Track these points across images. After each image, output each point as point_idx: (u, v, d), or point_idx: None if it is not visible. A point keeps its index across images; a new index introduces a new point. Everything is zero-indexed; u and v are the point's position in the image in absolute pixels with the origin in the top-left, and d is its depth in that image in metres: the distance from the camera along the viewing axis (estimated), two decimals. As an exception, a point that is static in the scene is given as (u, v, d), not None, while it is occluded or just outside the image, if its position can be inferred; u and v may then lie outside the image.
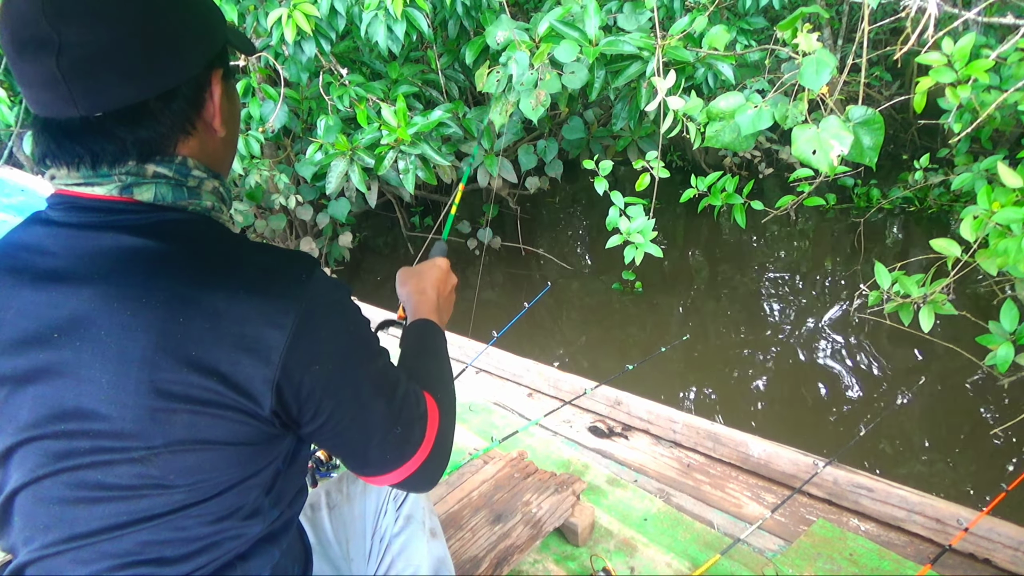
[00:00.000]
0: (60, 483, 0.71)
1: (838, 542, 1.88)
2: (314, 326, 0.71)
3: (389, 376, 0.82)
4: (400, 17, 3.19)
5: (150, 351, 0.67)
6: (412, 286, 1.11)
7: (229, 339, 0.68)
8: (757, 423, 3.47)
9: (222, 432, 0.71)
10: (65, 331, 0.69)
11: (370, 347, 0.81)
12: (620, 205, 2.60)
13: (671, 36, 2.67)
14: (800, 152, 1.99)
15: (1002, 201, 1.86)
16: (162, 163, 0.73)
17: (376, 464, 0.82)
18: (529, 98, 2.76)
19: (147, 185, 0.73)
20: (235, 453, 0.73)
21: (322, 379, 0.73)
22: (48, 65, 0.66)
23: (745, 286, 4.96)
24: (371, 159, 3.54)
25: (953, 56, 1.99)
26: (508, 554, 1.61)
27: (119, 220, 0.72)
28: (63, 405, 0.69)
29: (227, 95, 0.79)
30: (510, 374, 2.85)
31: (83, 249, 0.71)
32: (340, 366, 0.75)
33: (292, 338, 0.69)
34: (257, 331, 0.69)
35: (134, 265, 0.70)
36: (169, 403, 0.68)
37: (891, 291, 2.16)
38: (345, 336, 0.76)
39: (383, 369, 0.82)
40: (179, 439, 0.69)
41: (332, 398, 0.74)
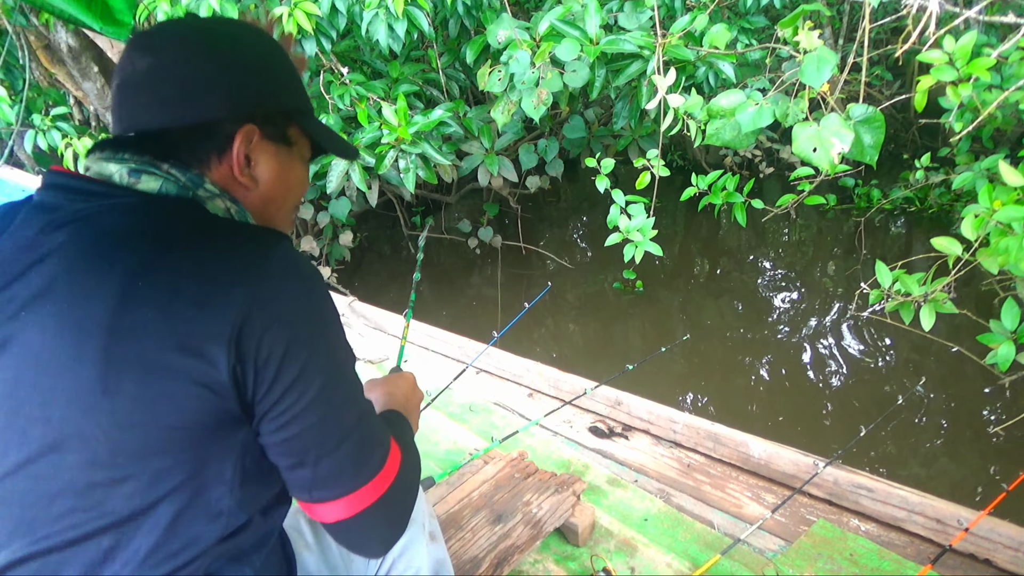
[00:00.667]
0: (20, 478, 0.70)
1: (838, 542, 1.88)
2: (276, 289, 0.70)
3: (354, 378, 0.79)
4: (401, 16, 3.19)
5: (107, 316, 0.66)
6: (382, 390, 1.08)
7: (188, 296, 0.67)
8: (757, 423, 3.46)
9: (171, 408, 0.68)
10: (28, 305, 0.69)
11: (336, 331, 0.77)
12: (621, 203, 2.60)
13: (672, 35, 2.66)
14: (801, 150, 1.98)
15: (1003, 200, 1.86)
16: (177, 167, 0.78)
17: (326, 480, 0.75)
18: (531, 97, 2.76)
19: (156, 176, 0.77)
20: (186, 435, 0.69)
21: (281, 343, 0.69)
22: (113, 89, 0.81)
23: (746, 285, 4.96)
24: (372, 158, 3.54)
25: (954, 55, 1.99)
26: (508, 554, 1.60)
27: (99, 204, 0.75)
28: (24, 392, 0.69)
29: (268, 155, 0.85)
30: (510, 374, 2.84)
31: (56, 231, 0.73)
32: (302, 333, 0.71)
33: (252, 296, 0.68)
34: (217, 288, 0.68)
35: (101, 238, 0.72)
36: (121, 368, 0.66)
37: (892, 290, 2.15)
38: (309, 305, 0.73)
39: (347, 365, 0.78)
40: (128, 412, 0.67)
41: (290, 368, 0.70)
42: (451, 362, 2.96)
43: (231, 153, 0.81)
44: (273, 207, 0.88)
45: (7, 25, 4.55)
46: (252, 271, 0.70)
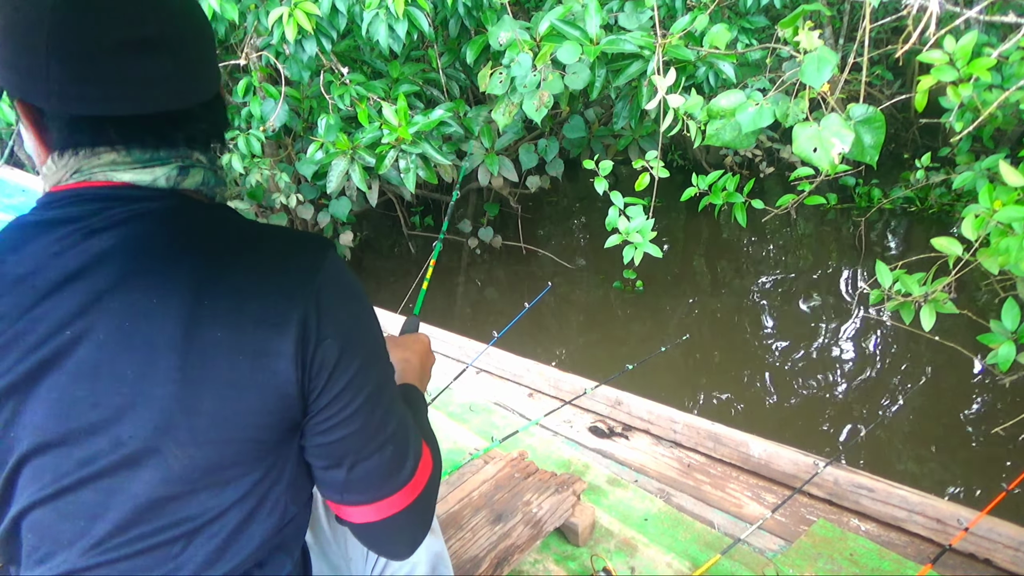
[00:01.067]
0: (88, 491, 0.68)
1: (839, 542, 1.88)
2: (329, 301, 0.72)
3: (394, 387, 0.80)
4: (401, 16, 3.19)
5: (178, 335, 0.66)
6: (398, 354, 1.08)
7: (252, 316, 0.68)
8: (758, 423, 3.46)
9: (245, 423, 0.70)
10: (80, 329, 0.66)
11: (381, 340, 0.79)
12: (620, 205, 2.59)
13: (672, 35, 2.66)
14: (801, 150, 1.98)
15: (1003, 200, 1.85)
16: (200, 149, 0.77)
17: (358, 485, 0.77)
18: (532, 99, 2.76)
19: (196, 169, 0.76)
20: (258, 448, 0.72)
21: (335, 351, 0.71)
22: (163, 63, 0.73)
23: (746, 285, 4.96)
24: (372, 158, 3.54)
25: (955, 55, 1.99)
26: (508, 554, 1.60)
27: (134, 209, 0.71)
28: (82, 408, 0.67)
29: None
30: (510, 374, 2.85)
31: (94, 246, 0.69)
32: (353, 343, 0.73)
33: (308, 311, 0.70)
34: (277, 304, 0.69)
35: (152, 252, 0.70)
36: (196, 388, 0.67)
37: (892, 290, 2.15)
38: (359, 316, 0.76)
39: (390, 374, 0.80)
40: (205, 429, 0.68)
41: (342, 375, 0.72)
42: (451, 362, 2.96)
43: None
44: None
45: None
46: (307, 285, 0.71)
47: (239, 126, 3.86)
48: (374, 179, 3.90)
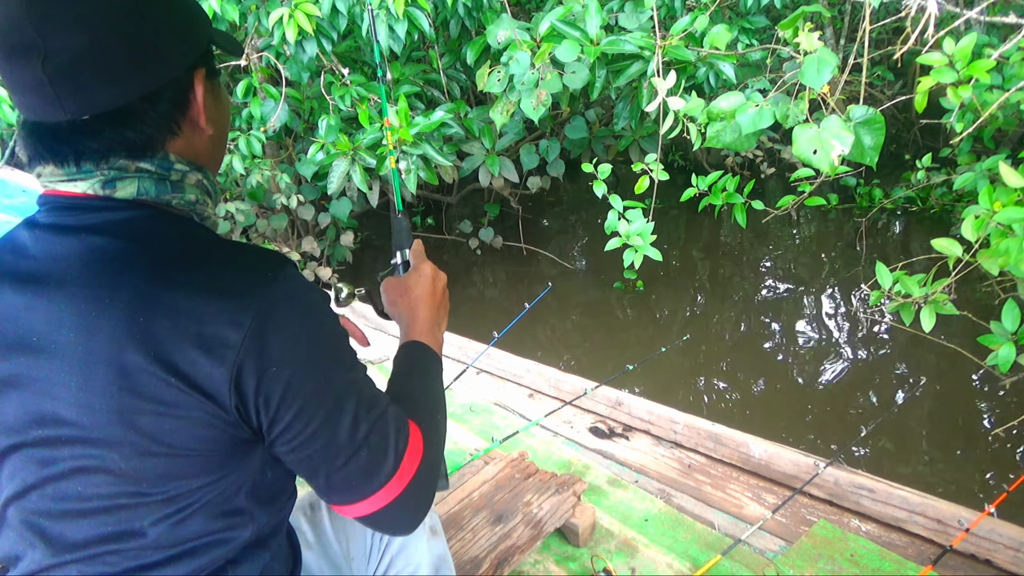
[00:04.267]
0: (45, 496, 0.72)
1: (839, 543, 1.88)
2: (274, 326, 0.68)
3: (362, 392, 0.76)
4: (402, 17, 3.19)
5: (115, 352, 0.66)
6: (403, 306, 1.03)
7: (188, 338, 0.66)
8: (758, 423, 3.46)
9: (188, 437, 0.69)
10: (41, 334, 0.69)
11: (339, 357, 0.76)
12: (619, 208, 2.60)
13: (672, 36, 2.66)
14: (801, 152, 1.99)
15: (1003, 201, 1.85)
16: (144, 158, 0.73)
17: (340, 490, 0.76)
18: (530, 98, 2.76)
19: (130, 179, 0.73)
20: (205, 461, 0.71)
21: (280, 383, 0.69)
22: (35, 70, 0.67)
23: (746, 286, 4.96)
24: (372, 159, 3.55)
25: (954, 56, 1.99)
26: (509, 554, 1.61)
27: (92, 219, 0.72)
28: (41, 411, 0.70)
29: (212, 94, 0.79)
30: (511, 374, 2.85)
31: (57, 251, 0.72)
32: (301, 372, 0.70)
33: (249, 338, 0.67)
34: (215, 330, 0.67)
35: (102, 265, 0.70)
36: (135, 403, 0.67)
37: (892, 291, 2.15)
38: (309, 341, 0.72)
39: (353, 383, 0.76)
40: (147, 444, 0.69)
41: (290, 406, 0.70)
42: (451, 362, 2.96)
43: (192, 105, 0.76)
44: (220, 146, 0.85)
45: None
46: (248, 310, 0.68)
47: (240, 127, 3.87)
48: (375, 180, 3.90)
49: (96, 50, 0.67)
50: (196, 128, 0.78)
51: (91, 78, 0.68)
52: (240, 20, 3.40)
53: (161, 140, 0.74)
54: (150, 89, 0.72)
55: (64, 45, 0.66)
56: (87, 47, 0.67)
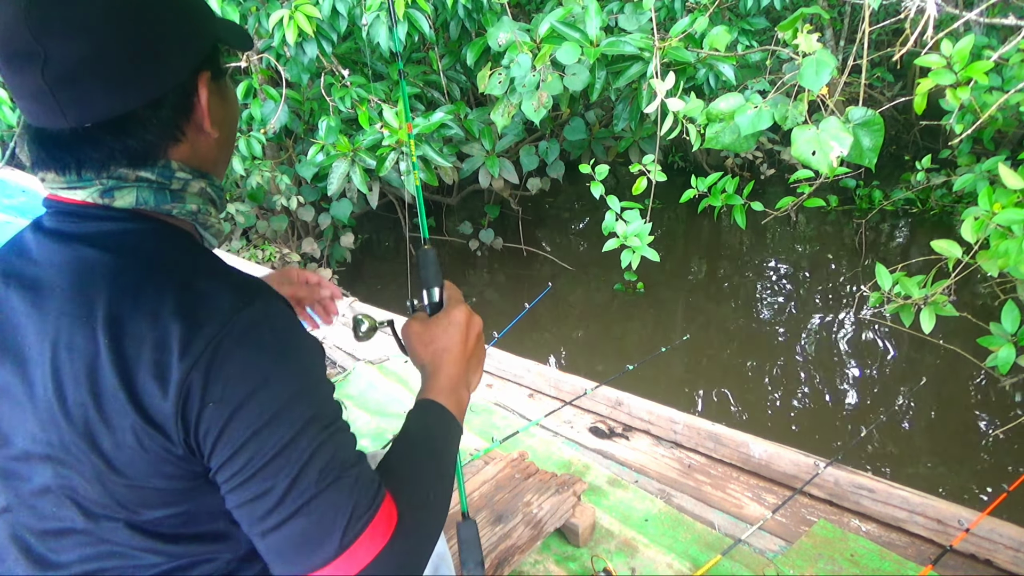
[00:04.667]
0: (26, 512, 0.72)
1: (839, 543, 1.88)
2: (225, 360, 0.64)
3: (317, 451, 0.66)
4: (402, 18, 3.20)
5: (87, 372, 0.66)
6: (426, 356, 0.89)
7: (149, 365, 0.64)
8: (758, 423, 3.47)
9: (144, 469, 0.67)
10: (31, 344, 0.69)
11: (297, 407, 0.66)
12: (616, 209, 2.60)
13: (672, 37, 2.67)
14: (800, 153, 1.99)
15: (1003, 202, 1.86)
16: (145, 167, 0.72)
17: (275, 555, 0.66)
18: (531, 100, 2.76)
19: (128, 189, 0.71)
20: (164, 494, 0.69)
21: (219, 420, 0.64)
22: (35, 78, 0.66)
23: (746, 287, 4.96)
24: (372, 160, 3.55)
25: (953, 58, 1.99)
26: (509, 554, 1.61)
27: (88, 228, 0.72)
28: (24, 423, 0.69)
29: (218, 96, 0.78)
30: (511, 374, 2.85)
31: (55, 259, 0.72)
32: (244, 413, 0.64)
33: (195, 369, 0.63)
34: (168, 358, 0.64)
35: (88, 279, 0.69)
36: (100, 427, 0.66)
37: (892, 292, 2.16)
38: (262, 382, 0.65)
39: (309, 438, 0.66)
40: (107, 471, 0.67)
41: (225, 446, 0.64)
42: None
43: (197, 109, 0.74)
44: (227, 147, 0.83)
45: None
46: (200, 341, 0.64)
47: (240, 128, 3.88)
48: (375, 181, 3.90)
49: (97, 57, 0.66)
50: (201, 132, 0.76)
51: (92, 86, 0.67)
52: (240, 22, 3.40)
53: (164, 147, 0.73)
54: (153, 96, 0.70)
55: (64, 52, 0.65)
56: (87, 54, 0.66)
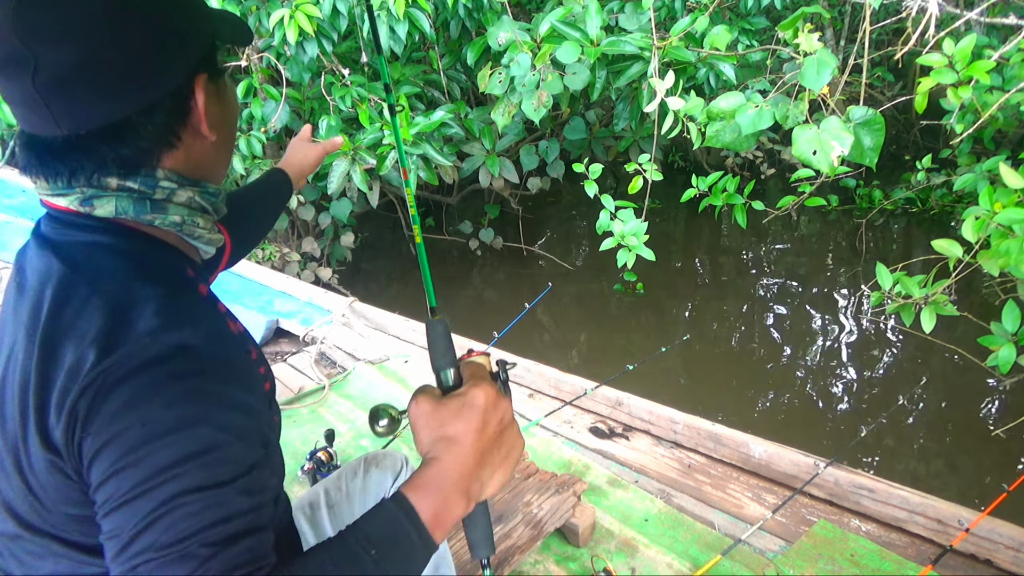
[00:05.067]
0: None
1: (839, 543, 1.88)
2: (108, 391, 0.60)
3: (172, 508, 0.57)
4: (402, 17, 3.19)
5: (18, 389, 0.65)
6: (430, 445, 0.69)
7: (57, 392, 0.62)
8: (758, 423, 3.46)
9: (56, 495, 0.65)
10: (1, 349, 0.70)
11: (166, 452, 0.59)
12: (611, 208, 2.60)
13: (672, 36, 2.67)
14: (800, 152, 1.99)
15: (1004, 202, 1.86)
16: (129, 176, 0.70)
17: None
18: (531, 99, 2.76)
19: (108, 198, 0.69)
20: (82, 520, 0.65)
21: (91, 452, 0.60)
22: (25, 85, 0.64)
23: (746, 286, 4.96)
24: (373, 159, 3.55)
25: (954, 57, 1.99)
26: (509, 554, 1.61)
27: (65, 237, 0.71)
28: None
29: (216, 97, 0.76)
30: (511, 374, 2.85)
31: (35, 264, 0.72)
32: (111, 447, 0.59)
33: (82, 396, 0.60)
34: (69, 383, 0.61)
35: (45, 293, 0.68)
36: (24, 446, 0.64)
37: (893, 292, 2.15)
38: (138, 418, 0.59)
39: (166, 489, 0.58)
40: (28, 493, 0.66)
41: (96, 477, 0.60)
42: None
43: (194, 113, 0.72)
44: (225, 150, 0.81)
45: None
46: (96, 369, 0.61)
47: (240, 127, 3.87)
48: (375, 180, 3.90)
49: (89, 63, 0.64)
50: (198, 136, 0.74)
51: (84, 94, 0.65)
52: (241, 21, 3.40)
53: (158, 153, 0.71)
54: (148, 102, 0.68)
55: (55, 59, 0.63)
56: (79, 60, 0.64)
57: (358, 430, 2.41)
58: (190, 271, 0.76)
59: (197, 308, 0.70)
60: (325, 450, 2.11)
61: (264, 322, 3.17)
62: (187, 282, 0.74)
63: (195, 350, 0.64)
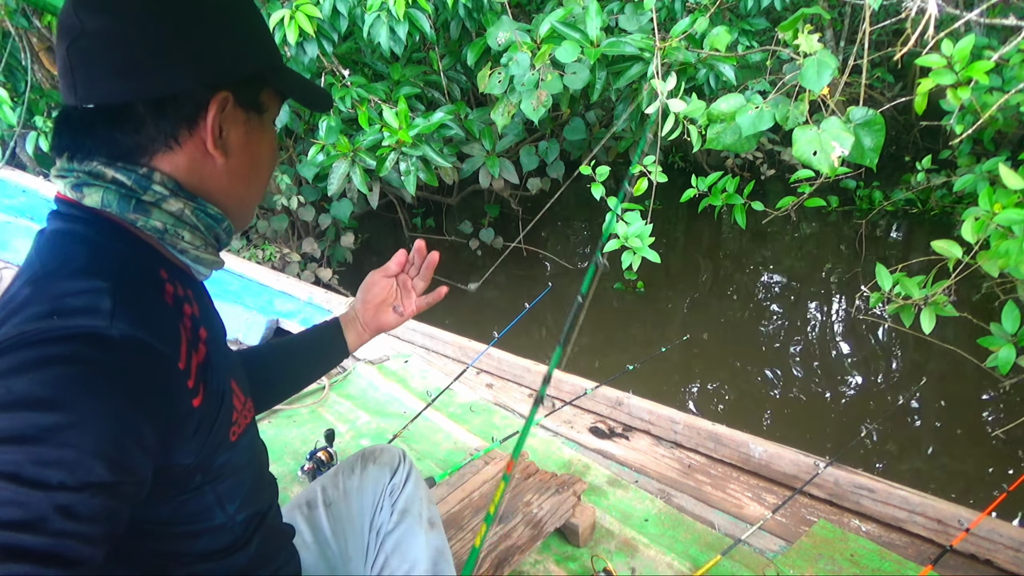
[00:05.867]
0: None
1: (839, 543, 1.88)
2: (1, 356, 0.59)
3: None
4: (402, 18, 3.20)
5: None
6: None
7: None
8: (758, 423, 3.47)
9: None
10: None
11: (7, 435, 0.55)
12: (617, 210, 2.60)
13: (672, 37, 2.67)
14: (801, 153, 1.99)
15: (1003, 203, 1.86)
16: (124, 170, 0.71)
17: None
18: (530, 99, 2.77)
19: (96, 188, 0.71)
20: None
21: None
22: (63, 52, 0.69)
23: (746, 286, 4.96)
24: (373, 160, 3.55)
25: (954, 58, 1.99)
26: (509, 554, 1.61)
27: (52, 226, 0.73)
28: None
29: (241, 126, 0.77)
30: (511, 374, 2.85)
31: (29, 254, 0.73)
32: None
33: None
34: None
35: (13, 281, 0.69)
36: None
37: (892, 293, 2.16)
38: (3, 390, 0.56)
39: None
40: None
41: None
42: (452, 362, 2.96)
43: (202, 126, 0.73)
44: (242, 184, 0.81)
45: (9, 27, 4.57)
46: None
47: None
48: (375, 181, 3.91)
49: (112, 37, 0.68)
50: (203, 150, 0.75)
51: (101, 68, 0.69)
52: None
53: (152, 151, 0.72)
54: (154, 94, 0.70)
55: (91, 28, 0.68)
56: (105, 31, 0.68)
57: (358, 430, 2.41)
58: (163, 272, 0.75)
59: (139, 305, 0.67)
60: (325, 450, 2.11)
61: (264, 322, 3.17)
62: (150, 280, 0.73)
63: (101, 340, 0.61)
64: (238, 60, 0.76)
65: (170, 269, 0.77)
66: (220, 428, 0.77)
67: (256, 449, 0.92)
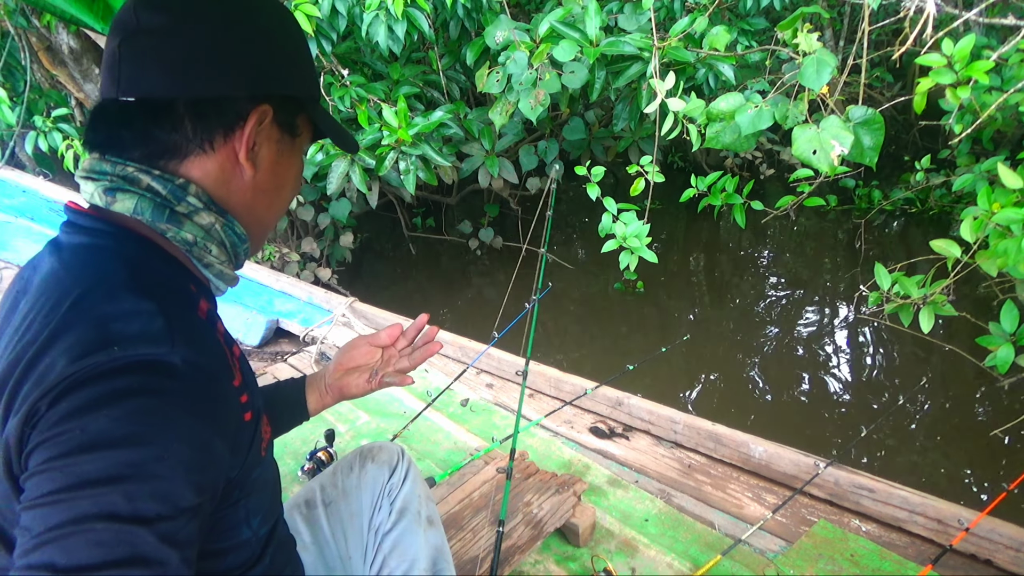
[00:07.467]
0: None
1: (839, 543, 1.88)
2: (66, 395, 0.58)
3: (89, 523, 0.54)
4: (401, 18, 3.19)
5: (6, 393, 0.64)
6: None
7: (23, 393, 0.61)
8: (758, 423, 3.47)
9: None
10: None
11: (98, 466, 0.56)
12: (613, 211, 2.60)
13: (671, 37, 2.67)
14: (800, 152, 1.99)
15: (1002, 202, 1.86)
16: (160, 179, 0.71)
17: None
18: (528, 98, 2.76)
19: (131, 194, 0.71)
20: None
21: (29, 447, 0.59)
22: (113, 46, 0.70)
23: (746, 286, 4.96)
24: (372, 160, 3.55)
25: (953, 57, 1.99)
26: (509, 554, 1.61)
27: (71, 240, 0.72)
28: None
29: (275, 144, 0.78)
30: (511, 375, 2.85)
31: (41, 271, 0.73)
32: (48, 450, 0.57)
33: (42, 396, 0.59)
34: (33, 389, 0.60)
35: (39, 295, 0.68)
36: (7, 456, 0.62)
37: (891, 292, 2.16)
38: (80, 430, 0.57)
39: (85, 502, 0.55)
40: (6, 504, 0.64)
41: (31, 471, 0.58)
42: (451, 362, 2.96)
43: (240, 134, 0.74)
44: (264, 200, 0.81)
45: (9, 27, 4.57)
46: (60, 375, 0.60)
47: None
48: (374, 181, 3.90)
49: (170, 36, 0.70)
50: (236, 161, 0.75)
51: (152, 64, 0.70)
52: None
53: (185, 151, 0.72)
54: (200, 95, 0.71)
55: (149, 26, 0.69)
56: (160, 29, 0.69)
57: (358, 430, 2.41)
58: (192, 287, 0.75)
59: (188, 326, 0.68)
60: (325, 450, 2.11)
61: (264, 322, 3.17)
62: (187, 298, 0.73)
63: (167, 368, 0.62)
64: (286, 78, 0.78)
65: (197, 284, 0.77)
66: (257, 442, 0.78)
67: (275, 463, 0.94)
